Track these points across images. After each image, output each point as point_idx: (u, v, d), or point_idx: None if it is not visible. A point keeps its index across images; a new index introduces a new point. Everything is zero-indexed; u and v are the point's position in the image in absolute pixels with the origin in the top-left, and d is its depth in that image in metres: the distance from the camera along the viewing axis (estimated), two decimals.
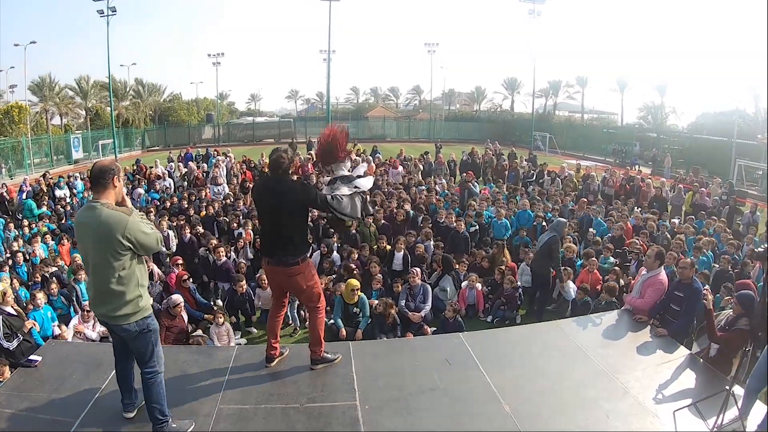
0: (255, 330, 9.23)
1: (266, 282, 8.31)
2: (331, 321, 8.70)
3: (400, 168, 20.05)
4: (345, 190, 4.94)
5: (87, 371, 5.19)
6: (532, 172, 20.75)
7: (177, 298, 8.29)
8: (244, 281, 9.33)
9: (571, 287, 9.78)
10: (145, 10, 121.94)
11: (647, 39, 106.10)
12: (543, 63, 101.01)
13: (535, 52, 62.42)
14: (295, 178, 5.14)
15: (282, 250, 4.93)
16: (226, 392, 4.90)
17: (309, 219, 5.35)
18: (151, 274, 9.80)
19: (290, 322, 9.10)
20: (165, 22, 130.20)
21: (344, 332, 8.38)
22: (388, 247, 11.40)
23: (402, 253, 10.70)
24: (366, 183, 5.12)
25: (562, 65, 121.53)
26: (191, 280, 9.62)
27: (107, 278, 3.87)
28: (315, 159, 5.49)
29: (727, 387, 4.45)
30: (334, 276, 10.00)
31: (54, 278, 9.33)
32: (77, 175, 19.49)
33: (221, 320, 8.36)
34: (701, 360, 5.77)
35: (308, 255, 5.11)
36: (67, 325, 7.99)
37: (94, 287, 4.02)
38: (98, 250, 3.86)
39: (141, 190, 16.89)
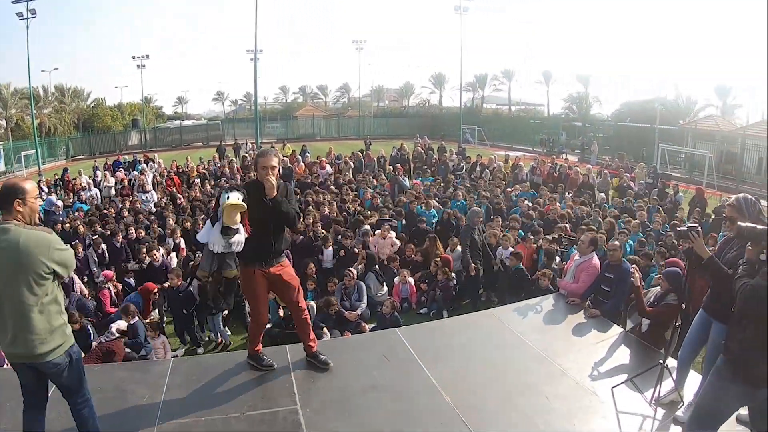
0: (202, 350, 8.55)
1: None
2: (268, 326, 8.49)
3: (328, 167, 20.08)
4: (218, 242, 4.66)
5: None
6: (462, 164, 21.15)
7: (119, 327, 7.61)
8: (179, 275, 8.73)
9: (506, 254, 9.91)
10: (67, 13, 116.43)
11: (574, 36, 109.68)
12: (470, 58, 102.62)
13: (462, 48, 63.15)
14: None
15: None
16: (165, 407, 4.67)
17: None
18: (72, 286, 9.29)
19: (220, 339, 8.64)
20: (87, 24, 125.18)
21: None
22: (324, 232, 11.17)
23: (331, 249, 10.55)
24: (205, 264, 4.94)
25: (489, 60, 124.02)
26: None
27: (27, 310, 3.37)
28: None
29: (661, 360, 4.56)
30: None
31: None
32: None
33: (155, 333, 7.99)
34: (634, 336, 5.94)
35: (243, 265, 4.94)
36: None
37: (10, 324, 3.41)
38: (14, 279, 3.33)
39: (56, 200, 15.87)
